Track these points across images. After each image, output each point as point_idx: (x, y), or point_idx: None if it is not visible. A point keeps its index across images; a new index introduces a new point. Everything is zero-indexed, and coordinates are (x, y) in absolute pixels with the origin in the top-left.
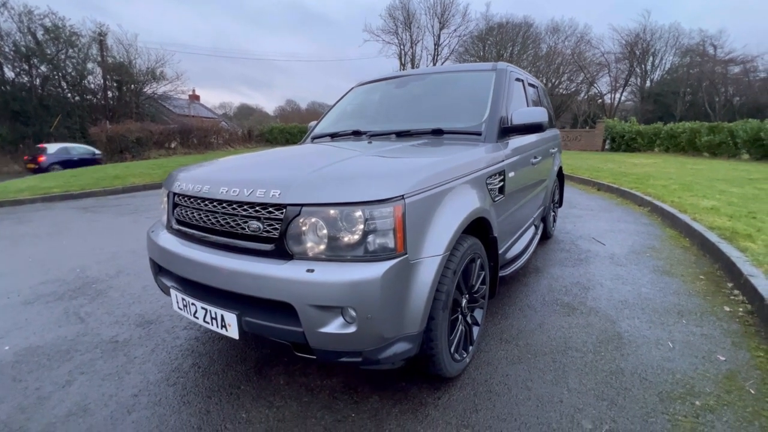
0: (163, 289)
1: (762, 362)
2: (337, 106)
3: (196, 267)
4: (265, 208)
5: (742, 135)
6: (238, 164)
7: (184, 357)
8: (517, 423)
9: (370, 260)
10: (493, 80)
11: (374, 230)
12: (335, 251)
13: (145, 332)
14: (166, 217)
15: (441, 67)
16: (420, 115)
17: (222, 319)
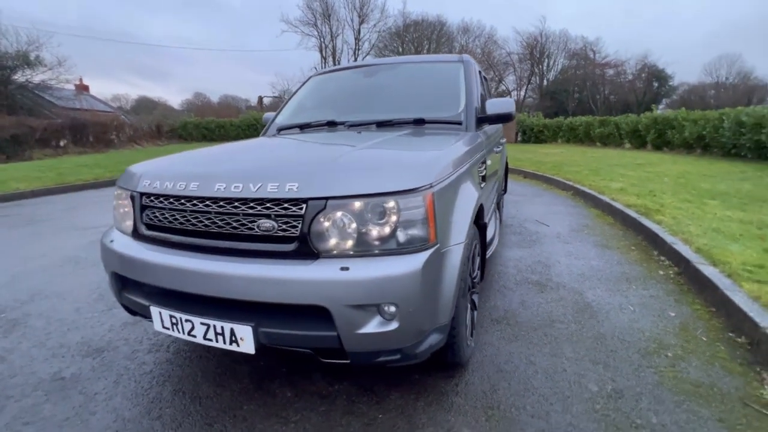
0: (130, 309)
1: (701, 313)
2: (298, 96)
3: (194, 277)
4: (279, 204)
5: (625, 127)
6: (222, 157)
7: (160, 384)
8: (535, 396)
9: (403, 253)
10: (462, 71)
11: (408, 221)
12: (366, 246)
13: (98, 363)
14: (131, 223)
15: (407, 57)
16: (396, 105)
17: (231, 333)
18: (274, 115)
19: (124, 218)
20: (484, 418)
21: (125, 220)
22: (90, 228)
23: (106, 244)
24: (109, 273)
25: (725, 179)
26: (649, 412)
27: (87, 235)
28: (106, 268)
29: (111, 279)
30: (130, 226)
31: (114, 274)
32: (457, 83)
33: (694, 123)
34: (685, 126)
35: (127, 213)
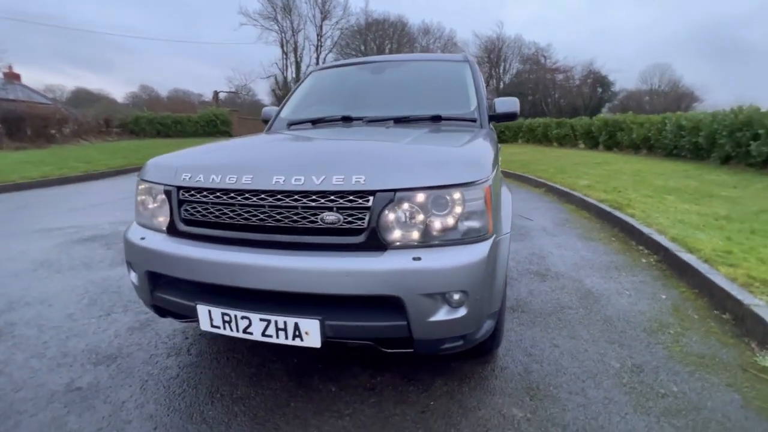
0: (162, 309)
1: (687, 295)
2: (300, 91)
3: (254, 272)
4: (344, 196)
5: (579, 129)
6: (262, 150)
7: (193, 387)
8: (567, 375)
9: (467, 242)
10: (470, 70)
11: (471, 212)
12: (432, 237)
13: (115, 370)
14: (166, 219)
15: (412, 55)
16: (408, 101)
17: (295, 328)
18: (277, 109)
19: (154, 214)
20: (528, 398)
21: (156, 216)
22: (55, 229)
23: (136, 242)
24: (139, 273)
25: (673, 177)
26: (669, 383)
27: (53, 237)
28: (136, 267)
29: (142, 279)
30: (164, 222)
31: (148, 273)
32: (465, 81)
33: (641, 126)
34: (633, 128)
35: (158, 208)
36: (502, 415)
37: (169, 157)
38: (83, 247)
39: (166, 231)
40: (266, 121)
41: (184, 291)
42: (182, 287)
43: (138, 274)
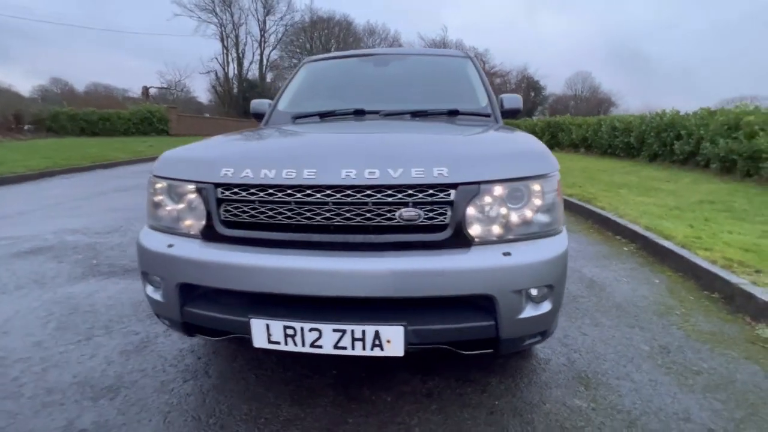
0: (195, 326)
1: (675, 278)
2: (295, 83)
3: (326, 278)
4: (424, 190)
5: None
6: (317, 141)
7: (227, 414)
8: (608, 361)
9: (546, 236)
10: (473, 66)
11: (548, 204)
12: (513, 231)
13: (122, 404)
14: (200, 221)
15: (413, 49)
16: (419, 95)
17: (375, 336)
18: (269, 102)
19: (181, 216)
20: (583, 388)
21: (183, 218)
22: None
23: (161, 251)
24: (167, 286)
25: (615, 173)
26: (698, 360)
27: None
28: (162, 280)
29: (170, 293)
30: (196, 225)
31: (181, 286)
32: (472, 77)
33: (579, 127)
34: (572, 129)
35: (187, 210)
36: (567, 407)
37: (196, 149)
38: (27, 262)
39: (201, 236)
40: (257, 115)
41: (226, 304)
42: (223, 300)
43: (165, 288)
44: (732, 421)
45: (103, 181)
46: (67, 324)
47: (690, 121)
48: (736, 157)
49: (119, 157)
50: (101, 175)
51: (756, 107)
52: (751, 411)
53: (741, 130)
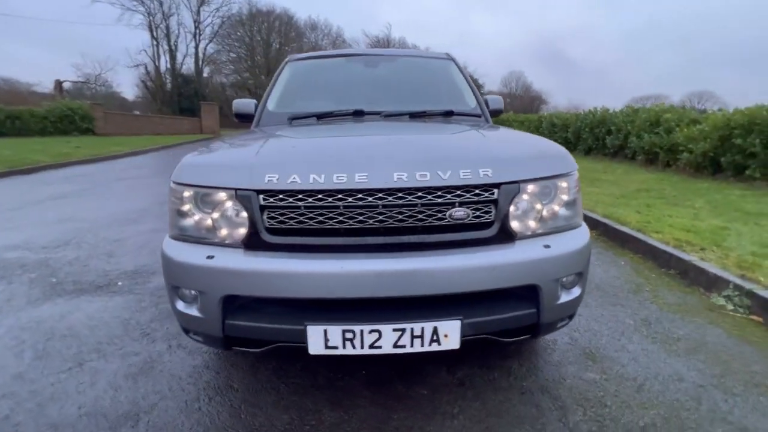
0: (234, 340)
1: (637, 259)
2: (282, 83)
3: (383, 280)
4: (471, 190)
5: None
6: (360, 145)
7: (269, 427)
8: (604, 337)
9: (571, 228)
10: (457, 68)
11: (573, 199)
12: (547, 224)
13: (150, 429)
14: (241, 230)
15: (397, 51)
16: (412, 96)
17: (434, 332)
18: (254, 102)
19: (217, 226)
20: (591, 362)
21: (220, 228)
22: None
23: (199, 263)
24: (209, 300)
25: None
26: (674, 328)
27: None
28: (208, 293)
29: (212, 307)
30: (237, 234)
31: (225, 299)
32: (457, 78)
33: (521, 123)
34: (515, 125)
35: (224, 219)
36: (584, 380)
37: (225, 154)
38: None
39: (243, 245)
40: (242, 116)
41: (272, 314)
42: (267, 310)
43: (204, 302)
44: (714, 377)
45: (30, 188)
46: (47, 352)
47: (618, 117)
48: (657, 149)
49: (42, 161)
50: (24, 181)
51: (671, 106)
52: (726, 367)
53: (661, 126)
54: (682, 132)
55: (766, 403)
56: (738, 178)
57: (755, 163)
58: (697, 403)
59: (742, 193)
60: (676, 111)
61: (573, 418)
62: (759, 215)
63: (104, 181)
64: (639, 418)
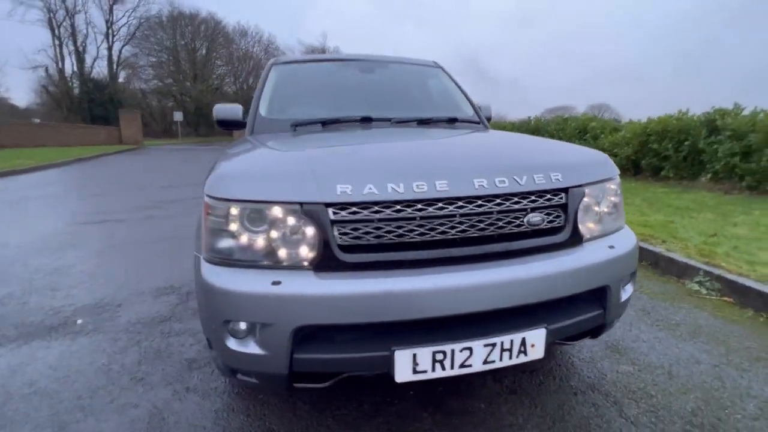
0: (299, 376)
1: None
2: (271, 88)
3: (476, 293)
4: (543, 195)
5: None
6: (421, 152)
7: None
8: (618, 329)
9: (620, 228)
10: (447, 75)
11: (619, 200)
12: (603, 225)
13: None
14: (310, 250)
15: (387, 57)
16: (415, 103)
17: (522, 343)
18: (240, 107)
19: (274, 246)
20: (617, 355)
21: (277, 248)
22: None
23: (265, 292)
24: (277, 333)
25: None
26: (670, 315)
27: None
28: (277, 325)
29: (279, 341)
30: (306, 254)
31: (297, 330)
32: (450, 85)
33: None
34: None
35: (283, 239)
36: (622, 374)
37: (276, 164)
38: None
39: (313, 266)
40: (225, 123)
41: (350, 341)
42: (343, 337)
43: (270, 336)
44: (722, 356)
45: None
46: (10, 419)
47: (551, 126)
48: None
49: None
50: None
51: (594, 116)
52: (726, 346)
53: (588, 133)
54: (607, 138)
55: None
56: (655, 178)
57: (668, 165)
58: (721, 382)
59: (663, 190)
60: (600, 120)
61: (631, 412)
62: (687, 209)
63: (18, 199)
64: (684, 403)
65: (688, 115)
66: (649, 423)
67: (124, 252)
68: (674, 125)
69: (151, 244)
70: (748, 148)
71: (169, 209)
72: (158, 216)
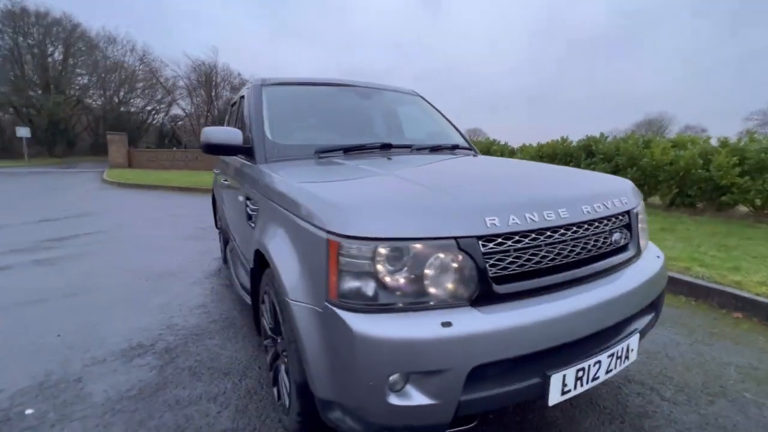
0: (461, 420)
1: None
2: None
3: (604, 311)
4: (618, 217)
5: None
6: (519, 175)
7: None
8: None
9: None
10: (428, 103)
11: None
12: (645, 239)
13: None
14: (473, 283)
15: (374, 83)
16: (417, 130)
17: (627, 349)
18: (238, 132)
19: (432, 284)
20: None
21: (443, 285)
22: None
23: (437, 336)
24: (455, 377)
25: None
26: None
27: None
28: (453, 369)
29: (454, 386)
30: (462, 290)
31: (472, 372)
32: (433, 114)
33: None
34: None
35: (444, 274)
36: (660, 375)
37: (412, 198)
38: None
39: (470, 302)
40: (220, 147)
41: (503, 373)
42: (494, 372)
43: (445, 382)
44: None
45: None
46: None
47: None
48: None
49: None
50: None
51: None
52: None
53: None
54: None
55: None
56: None
57: None
58: (702, 357)
59: None
60: (499, 144)
61: (667, 394)
62: None
63: None
64: (695, 377)
65: (568, 141)
66: (684, 401)
67: (24, 312)
68: (561, 149)
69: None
70: (616, 167)
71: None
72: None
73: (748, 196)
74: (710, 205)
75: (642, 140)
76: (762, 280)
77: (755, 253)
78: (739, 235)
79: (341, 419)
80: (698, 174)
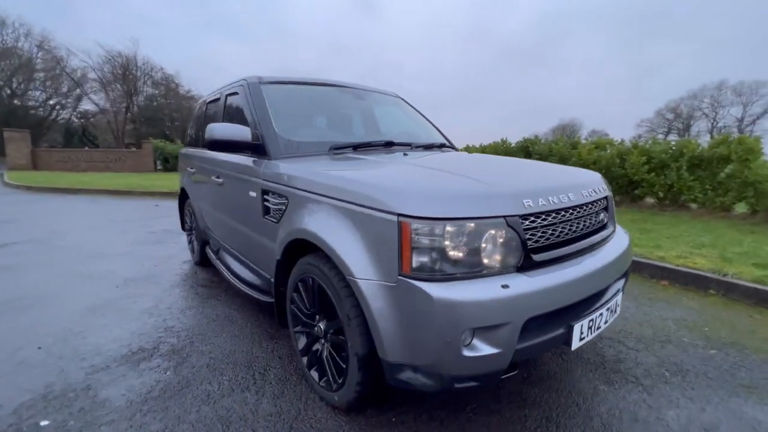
0: (514, 366)
1: None
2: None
3: (603, 273)
4: (602, 201)
5: None
6: (522, 167)
7: None
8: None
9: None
10: (409, 105)
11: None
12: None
13: None
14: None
15: (364, 85)
16: (407, 129)
17: (616, 304)
18: (259, 128)
19: (488, 254)
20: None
21: (497, 255)
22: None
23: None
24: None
25: None
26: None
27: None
28: (512, 322)
29: (512, 337)
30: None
31: (526, 323)
32: (413, 114)
33: None
34: None
35: (495, 247)
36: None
37: (448, 184)
38: None
39: (516, 269)
40: (226, 144)
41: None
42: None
43: (505, 333)
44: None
45: None
46: None
47: None
48: None
49: None
50: None
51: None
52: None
53: None
54: None
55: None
56: None
57: None
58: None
59: None
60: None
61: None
62: None
63: None
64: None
65: (508, 142)
66: (644, 348)
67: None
68: (503, 149)
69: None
70: None
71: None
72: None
73: (654, 189)
74: (626, 198)
75: (569, 142)
76: (678, 254)
77: (668, 234)
78: (652, 221)
79: (413, 377)
80: (617, 171)
